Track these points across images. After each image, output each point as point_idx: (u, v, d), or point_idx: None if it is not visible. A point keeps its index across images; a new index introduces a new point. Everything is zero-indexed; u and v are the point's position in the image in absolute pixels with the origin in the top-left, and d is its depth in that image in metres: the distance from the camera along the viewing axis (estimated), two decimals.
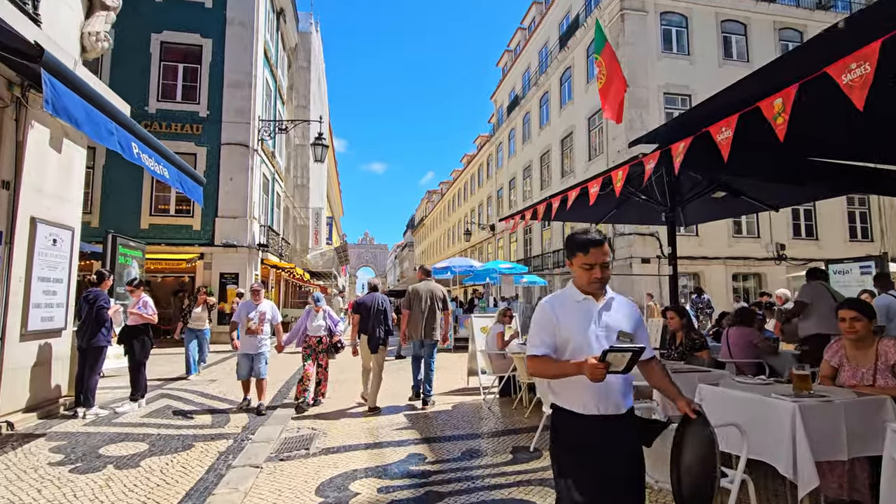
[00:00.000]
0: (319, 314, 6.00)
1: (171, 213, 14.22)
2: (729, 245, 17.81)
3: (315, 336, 5.92)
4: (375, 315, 5.89)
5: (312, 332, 5.92)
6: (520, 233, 27.39)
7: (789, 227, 18.50)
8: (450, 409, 5.71)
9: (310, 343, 5.92)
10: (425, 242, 63.13)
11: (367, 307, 5.96)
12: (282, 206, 20.22)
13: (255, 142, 14.78)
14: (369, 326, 5.88)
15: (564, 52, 22.23)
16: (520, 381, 5.53)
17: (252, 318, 5.53)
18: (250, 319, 5.52)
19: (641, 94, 17.48)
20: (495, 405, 5.85)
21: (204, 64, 14.60)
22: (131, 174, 13.73)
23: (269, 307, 5.75)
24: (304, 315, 6.08)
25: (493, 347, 5.99)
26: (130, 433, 4.66)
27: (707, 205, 5.41)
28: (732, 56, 18.74)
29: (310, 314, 6.02)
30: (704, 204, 5.34)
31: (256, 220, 15.03)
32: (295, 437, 4.62)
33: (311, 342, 5.92)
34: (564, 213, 5.44)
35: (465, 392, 6.72)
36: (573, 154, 21.42)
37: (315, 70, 23.67)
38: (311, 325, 5.93)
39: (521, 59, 28.93)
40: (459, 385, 7.21)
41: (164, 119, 14.17)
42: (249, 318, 5.53)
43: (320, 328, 5.96)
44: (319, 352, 5.95)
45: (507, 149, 30.87)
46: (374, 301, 5.94)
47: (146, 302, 5.57)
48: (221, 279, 13.92)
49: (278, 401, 6.26)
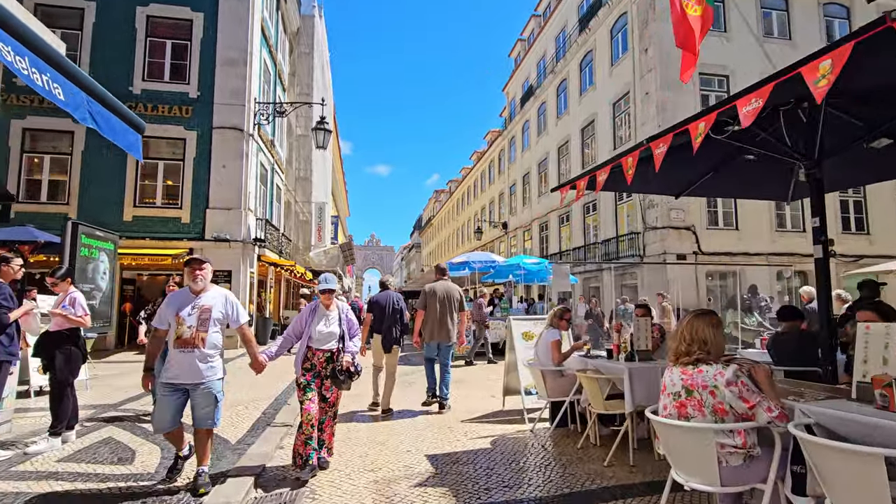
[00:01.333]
0: (332, 313, 3.71)
1: (158, 204, 12.84)
2: (772, 240, 16.16)
3: (324, 350, 3.63)
4: (391, 314, 5.66)
5: (319, 342, 3.63)
6: (535, 230, 25.86)
7: (837, 220, 16.79)
8: (489, 446, 4.20)
9: (313, 362, 3.63)
10: (433, 243, 61.72)
11: (381, 306, 5.69)
12: (282, 200, 18.83)
13: (250, 126, 13.38)
14: (384, 326, 5.64)
15: (585, 34, 20.70)
16: (588, 408, 4.00)
17: (186, 319, 3.07)
18: (182, 321, 3.07)
19: (675, 75, 15.86)
20: (549, 440, 4.33)
21: (195, 40, 13.24)
22: (114, 161, 12.42)
23: (221, 299, 3.27)
24: (305, 314, 3.72)
25: (546, 361, 4.47)
26: (27, 491, 3.18)
27: (858, 160, 3.87)
28: (773, 33, 17.14)
29: (315, 312, 3.70)
30: (853, 159, 3.80)
31: (252, 212, 13.63)
32: (270, 498, 3.14)
33: (315, 360, 3.63)
34: (628, 182, 3.86)
35: (503, 418, 5.20)
36: (595, 143, 19.87)
37: (318, 57, 22.30)
38: (318, 331, 3.62)
39: (535, 46, 27.41)
40: (491, 407, 5.70)
41: (151, 100, 12.81)
42: (181, 319, 3.07)
43: (332, 337, 3.66)
44: (326, 377, 3.62)
45: (520, 142, 29.37)
46: (388, 299, 5.67)
47: (75, 299, 4.10)
48: (213, 277, 12.47)
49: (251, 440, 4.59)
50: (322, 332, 3.66)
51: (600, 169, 3.64)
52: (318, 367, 3.65)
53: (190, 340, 3.08)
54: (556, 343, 4.41)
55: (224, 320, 3.28)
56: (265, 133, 15.26)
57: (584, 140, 20.93)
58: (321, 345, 3.65)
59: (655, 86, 15.95)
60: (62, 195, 12.30)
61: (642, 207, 16.30)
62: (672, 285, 14.90)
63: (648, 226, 15.99)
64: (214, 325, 3.19)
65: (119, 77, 12.66)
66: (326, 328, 3.68)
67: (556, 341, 4.41)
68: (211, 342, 3.16)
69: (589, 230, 20.37)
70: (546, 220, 24.51)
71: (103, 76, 12.69)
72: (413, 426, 4.96)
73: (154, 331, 3.33)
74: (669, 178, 4.61)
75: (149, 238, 12.30)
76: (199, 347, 3.10)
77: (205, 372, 3.12)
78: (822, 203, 3.45)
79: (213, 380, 3.15)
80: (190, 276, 3.23)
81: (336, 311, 3.78)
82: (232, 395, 6.39)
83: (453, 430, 4.71)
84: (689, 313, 2.40)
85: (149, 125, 12.88)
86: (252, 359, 3.38)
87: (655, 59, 16.03)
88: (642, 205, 16.30)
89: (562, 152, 23.14)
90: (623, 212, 17.92)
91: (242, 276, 12.71)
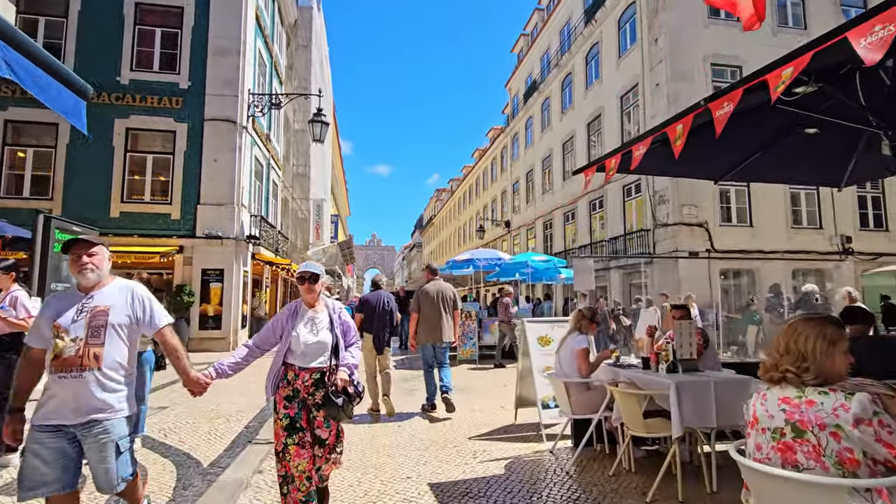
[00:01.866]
0: (320, 314, 2.74)
1: (147, 199, 12.24)
2: (788, 237, 15.52)
3: (310, 369, 2.63)
4: (381, 315, 5.52)
5: (303, 357, 2.63)
6: (539, 228, 25.26)
7: (855, 217, 16.17)
8: (503, 471, 3.58)
9: (296, 387, 2.61)
10: (434, 242, 61.16)
11: (371, 306, 5.53)
12: (279, 197, 18.23)
13: (244, 118, 12.78)
14: (374, 326, 5.48)
15: (591, 26, 20.08)
16: (621, 427, 3.37)
17: (69, 329, 2.08)
18: (63, 333, 2.07)
19: (686, 66, 15.30)
20: (573, 464, 3.71)
21: (185, 28, 12.64)
22: (100, 155, 11.84)
23: (125, 296, 2.26)
24: (281, 316, 2.74)
25: (570, 372, 3.84)
26: None
27: None
28: (788, 23, 16.51)
29: (296, 315, 2.73)
30: None
31: (246, 208, 13.03)
32: None
33: (299, 384, 2.61)
34: (675, 155, 3.24)
35: (517, 434, 4.59)
36: (602, 138, 19.25)
37: (317, 51, 21.71)
38: (300, 341, 2.62)
39: (538, 41, 26.79)
40: (502, 420, 5.08)
41: (139, 91, 12.22)
42: (61, 330, 2.08)
43: (322, 349, 2.65)
44: (318, 406, 2.60)
45: (523, 139, 28.77)
46: (379, 299, 5.52)
47: (16, 298, 3.48)
48: (204, 276, 11.92)
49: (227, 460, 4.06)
50: (307, 344, 2.60)
51: (639, 142, 3.02)
52: (304, 394, 2.59)
53: (75, 359, 2.02)
54: (585, 352, 3.75)
55: (132, 326, 2.21)
56: (260, 127, 14.67)
57: (590, 135, 20.31)
58: (306, 361, 2.61)
59: (666, 77, 15.32)
60: (46, 190, 11.71)
61: (652, 203, 15.67)
62: (683, 284, 14.29)
63: (659, 222, 15.36)
64: (115, 333, 2.14)
65: (106, 66, 12.10)
66: (313, 337, 2.63)
67: (584, 350, 3.75)
68: (111, 360, 2.10)
69: (595, 227, 19.76)
70: (550, 218, 23.90)
71: (89, 66, 12.13)
72: (414, 443, 4.36)
73: (26, 351, 2.16)
74: (710, 158, 4.02)
75: (137, 235, 11.71)
76: (90, 368, 2.04)
77: (99, 405, 2.04)
78: None
79: (112, 418, 2.08)
80: (74, 266, 2.18)
81: (325, 311, 2.75)
82: (215, 405, 5.80)
83: (460, 450, 4.11)
84: (796, 316, 1.79)
85: (137, 117, 12.49)
86: (182, 376, 2.31)
87: (666, 50, 15.41)
88: (652, 201, 15.68)
89: (566, 148, 22.54)
90: (632, 208, 17.30)
91: (235, 275, 12.11)
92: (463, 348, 10.01)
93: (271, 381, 2.67)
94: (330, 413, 2.57)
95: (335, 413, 2.56)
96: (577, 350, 3.78)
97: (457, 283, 18.75)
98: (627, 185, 17.32)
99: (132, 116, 12.16)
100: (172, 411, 5.54)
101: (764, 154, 3.93)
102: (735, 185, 15.42)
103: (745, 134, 3.66)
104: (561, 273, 11.56)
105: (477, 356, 10.05)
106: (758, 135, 3.70)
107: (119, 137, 12.04)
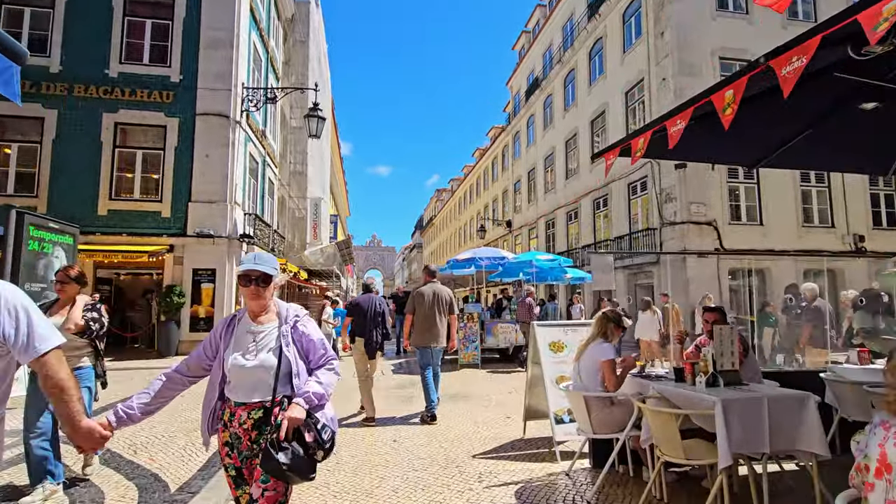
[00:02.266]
0: (266, 328, 1.98)
1: (136, 196, 11.78)
2: (798, 236, 15.04)
3: (249, 405, 1.89)
4: (373, 318, 5.39)
5: (237, 390, 1.92)
6: (541, 227, 24.82)
7: (868, 215, 15.70)
8: (513, 500, 3.12)
9: (235, 431, 1.90)
10: (434, 243, 60.72)
11: (362, 309, 5.39)
12: (276, 196, 17.78)
13: (237, 112, 12.33)
14: (366, 330, 5.35)
15: (595, 21, 19.64)
16: (653, 447, 2.90)
17: None
18: None
19: (693, 60, 14.85)
20: (594, 491, 3.23)
21: (176, 19, 12.19)
22: (87, 151, 11.41)
23: None
24: (216, 332, 2.04)
25: (591, 385, 3.29)
26: None
27: None
28: (798, 15, 16.05)
29: (231, 328, 2.01)
30: None
31: (239, 205, 12.58)
32: None
33: (237, 426, 1.89)
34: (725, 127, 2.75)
35: (526, 451, 4.12)
36: (606, 135, 18.79)
37: (315, 47, 21.26)
38: (233, 365, 1.90)
39: (540, 37, 26.35)
40: (508, 433, 4.62)
41: (129, 84, 11.77)
42: None
43: (262, 376, 1.89)
44: (258, 462, 1.79)
45: (524, 137, 28.34)
46: (370, 302, 5.40)
47: None
48: (195, 276, 11.46)
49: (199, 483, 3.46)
50: (239, 369, 1.87)
51: (676, 115, 2.55)
52: (246, 442, 1.87)
53: None
54: (611, 364, 3.20)
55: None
56: (255, 122, 14.23)
57: (594, 132, 19.86)
58: (242, 394, 1.89)
59: (673, 71, 14.87)
60: (30, 187, 11.25)
61: (659, 201, 15.21)
62: (691, 285, 13.84)
63: (666, 221, 14.90)
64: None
65: (94, 59, 11.66)
66: (247, 360, 1.88)
67: (610, 361, 3.20)
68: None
69: (600, 226, 19.29)
70: (553, 218, 23.46)
71: (77, 58, 11.72)
72: (412, 462, 3.90)
73: None
74: (748, 139, 3.55)
75: (126, 234, 11.26)
76: None
77: None
78: None
79: None
80: None
81: (275, 323, 1.98)
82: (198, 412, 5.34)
83: (463, 472, 3.64)
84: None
85: (127, 111, 12.01)
86: (67, 426, 1.53)
87: (673, 43, 14.96)
88: (659, 198, 15.22)
89: (569, 146, 22.10)
90: (637, 207, 16.83)
91: (228, 275, 11.65)
92: (464, 352, 9.55)
93: (206, 422, 1.98)
94: (268, 470, 1.73)
95: (278, 472, 1.70)
96: (603, 361, 3.23)
97: (457, 284, 18.28)
98: (633, 183, 16.87)
99: (121, 111, 11.71)
100: (148, 423, 5.07)
101: (811, 135, 3.47)
102: (744, 183, 14.98)
103: (791, 110, 3.21)
104: (567, 273, 11.09)
105: (479, 360, 9.58)
106: (808, 110, 3.25)
107: (107, 132, 11.59)
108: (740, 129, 3.36)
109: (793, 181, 15.07)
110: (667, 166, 14.91)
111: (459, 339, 9.50)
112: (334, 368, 2.00)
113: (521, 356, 9.45)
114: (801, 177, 15.27)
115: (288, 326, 1.99)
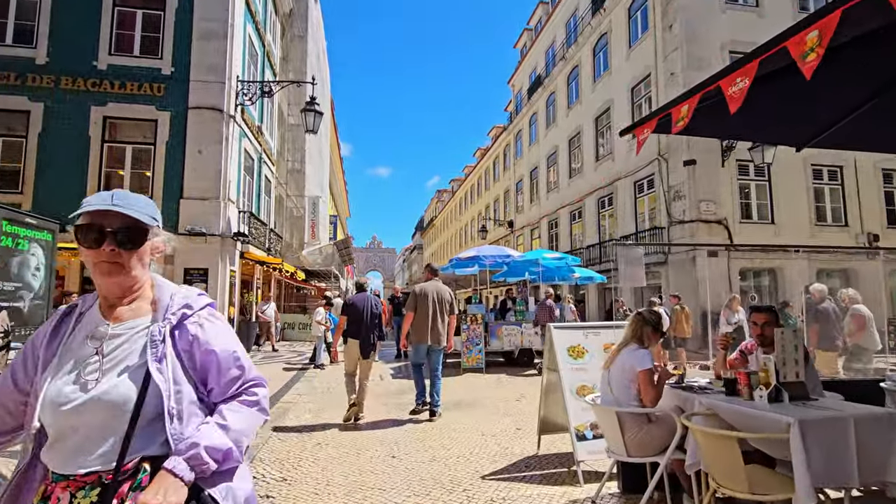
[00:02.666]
0: (135, 324, 1.11)
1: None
2: (811, 235, 14.58)
3: (78, 479, 0.97)
4: (369, 318, 5.29)
5: (60, 444, 1.00)
6: (544, 227, 24.37)
7: (882, 213, 15.24)
8: None
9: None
10: (435, 244, 60.32)
11: (357, 309, 5.28)
12: (273, 194, 17.33)
13: (231, 106, 11.89)
14: (361, 329, 5.26)
15: (599, 16, 19.23)
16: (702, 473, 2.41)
17: None
18: None
19: (702, 54, 14.41)
20: None
21: (168, 10, 11.75)
22: (75, 145, 10.97)
23: None
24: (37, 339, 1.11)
25: (624, 397, 2.79)
26: None
27: None
28: (808, 7, 15.61)
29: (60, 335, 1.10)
30: None
31: (234, 203, 12.13)
32: None
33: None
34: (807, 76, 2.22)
35: (542, 471, 3.65)
36: (611, 133, 18.36)
37: (313, 43, 20.84)
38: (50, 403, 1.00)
39: (543, 34, 25.94)
40: (520, 449, 4.15)
41: (118, 77, 11.33)
42: None
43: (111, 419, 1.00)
44: None
45: (527, 136, 27.92)
46: (365, 302, 5.28)
47: None
48: (187, 276, 10.99)
49: None
50: (68, 409, 0.99)
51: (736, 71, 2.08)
52: None
53: None
54: (650, 374, 2.69)
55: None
56: (251, 118, 13.79)
57: (599, 130, 19.42)
58: (64, 459, 1.00)
59: (681, 65, 14.44)
60: (14, 183, 10.81)
61: (667, 199, 14.76)
62: (701, 285, 13.36)
63: (674, 219, 14.45)
64: None
65: (82, 51, 11.23)
66: (85, 390, 1.01)
67: (648, 371, 2.69)
68: None
69: (605, 226, 18.84)
70: (556, 217, 23.04)
71: (64, 49, 11.28)
72: (412, 484, 3.43)
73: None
74: (797, 115, 3.10)
75: None
76: None
77: None
78: None
79: None
80: None
81: (146, 319, 1.12)
82: None
83: (472, 497, 3.18)
84: None
85: (116, 105, 11.53)
86: None
87: (681, 37, 14.53)
88: (667, 196, 14.77)
89: (573, 144, 21.67)
90: (644, 205, 16.38)
91: (221, 274, 11.20)
92: (468, 355, 9.08)
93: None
94: None
95: None
96: (641, 371, 2.71)
97: (459, 285, 17.81)
98: (639, 181, 16.43)
99: (110, 104, 11.27)
100: None
101: (868, 111, 3.01)
102: (755, 180, 14.54)
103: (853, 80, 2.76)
104: (575, 272, 10.63)
105: (484, 363, 9.11)
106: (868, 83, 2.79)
107: (96, 127, 11.15)
108: (790, 103, 2.92)
109: (805, 179, 14.64)
110: (675, 163, 14.48)
111: (462, 341, 9.06)
112: (258, 402, 1.16)
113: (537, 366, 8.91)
114: (814, 174, 14.83)
115: (166, 325, 1.10)
